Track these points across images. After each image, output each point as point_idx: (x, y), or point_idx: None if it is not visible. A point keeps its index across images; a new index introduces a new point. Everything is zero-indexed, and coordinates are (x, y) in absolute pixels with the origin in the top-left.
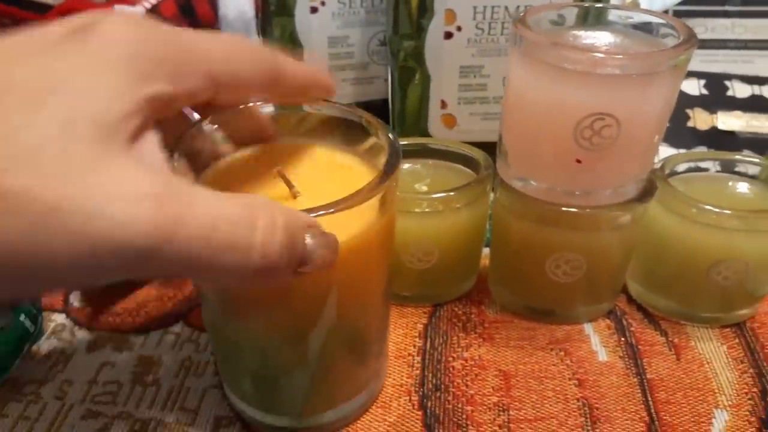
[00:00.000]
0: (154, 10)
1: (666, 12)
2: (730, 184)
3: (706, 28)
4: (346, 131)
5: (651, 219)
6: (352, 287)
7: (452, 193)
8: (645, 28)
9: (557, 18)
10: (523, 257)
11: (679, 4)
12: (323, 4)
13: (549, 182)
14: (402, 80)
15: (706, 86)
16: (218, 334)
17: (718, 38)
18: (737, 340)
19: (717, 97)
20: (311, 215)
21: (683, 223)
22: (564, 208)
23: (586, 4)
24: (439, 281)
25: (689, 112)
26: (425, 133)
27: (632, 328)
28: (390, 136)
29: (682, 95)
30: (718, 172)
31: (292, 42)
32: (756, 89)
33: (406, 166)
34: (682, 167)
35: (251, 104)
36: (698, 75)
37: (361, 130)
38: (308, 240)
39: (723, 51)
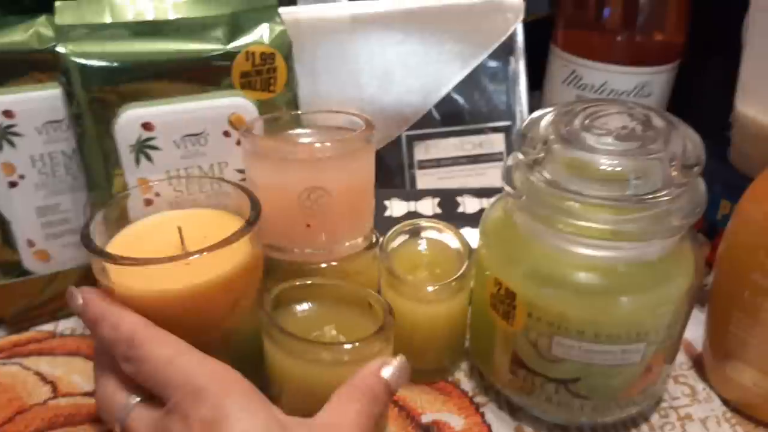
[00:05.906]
0: None
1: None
2: None
3: (438, 148)
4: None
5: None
6: (230, 307)
7: None
8: (343, 124)
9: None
10: None
11: (408, 129)
12: (22, 177)
13: (298, 246)
14: None
15: (440, 205)
16: None
17: (451, 156)
18: None
19: (449, 214)
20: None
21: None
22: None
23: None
24: None
25: None
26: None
27: None
28: (251, 205)
29: (418, 216)
30: None
31: None
32: (484, 202)
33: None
34: None
35: None
36: (434, 193)
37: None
38: None
39: (458, 167)
